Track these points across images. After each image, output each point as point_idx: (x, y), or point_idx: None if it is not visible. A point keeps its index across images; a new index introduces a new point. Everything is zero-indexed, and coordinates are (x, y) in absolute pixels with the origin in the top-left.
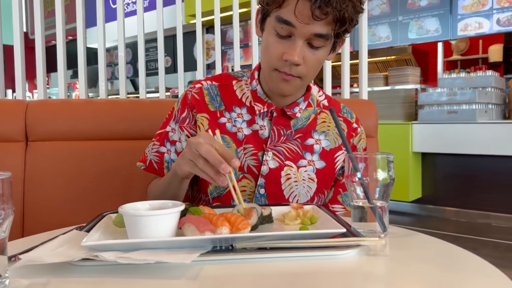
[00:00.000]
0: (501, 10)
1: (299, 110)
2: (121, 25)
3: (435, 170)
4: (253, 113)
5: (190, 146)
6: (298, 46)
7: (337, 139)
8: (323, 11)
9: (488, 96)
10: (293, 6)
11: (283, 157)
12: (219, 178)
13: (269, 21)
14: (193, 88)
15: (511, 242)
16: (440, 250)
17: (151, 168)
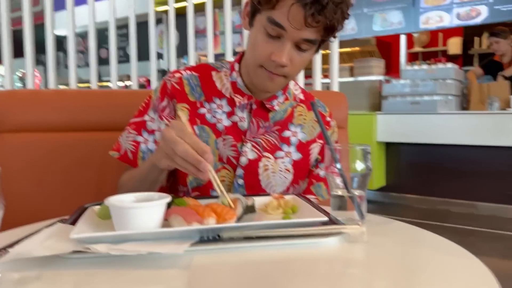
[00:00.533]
0: (461, 5)
1: (277, 103)
2: (70, 12)
3: (398, 159)
4: (232, 105)
5: (166, 142)
6: (286, 48)
7: (312, 132)
8: (316, 19)
9: (448, 87)
10: (287, 10)
11: (261, 149)
12: (198, 174)
13: (260, 18)
14: (173, 77)
15: (469, 227)
16: (414, 235)
17: (125, 158)
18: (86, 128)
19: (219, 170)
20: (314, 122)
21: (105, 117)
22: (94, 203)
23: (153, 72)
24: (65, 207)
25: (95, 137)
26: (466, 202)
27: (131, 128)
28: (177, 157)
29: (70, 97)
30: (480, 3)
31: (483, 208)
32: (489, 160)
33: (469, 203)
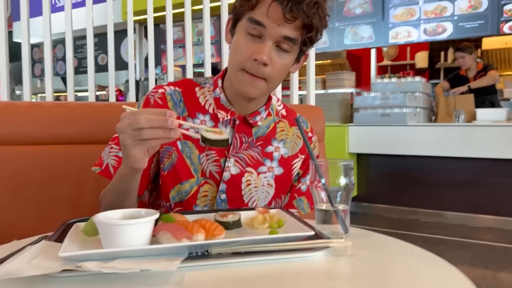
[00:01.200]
0: (428, 21)
1: (260, 119)
2: (47, 20)
3: (369, 170)
4: (216, 120)
5: (125, 131)
6: (267, 46)
7: (294, 147)
8: (294, 14)
9: (417, 100)
10: (266, 8)
11: (244, 164)
12: (171, 133)
13: (241, 24)
14: (156, 92)
15: (438, 236)
16: (396, 248)
17: (107, 173)
18: (62, 141)
19: (202, 185)
20: (297, 137)
21: (82, 130)
22: (77, 219)
23: (132, 82)
24: (40, 222)
25: (72, 150)
26: (435, 211)
27: (114, 143)
28: (144, 131)
29: (46, 110)
30: (445, 20)
31: (451, 217)
32: (456, 170)
33: (437, 213)
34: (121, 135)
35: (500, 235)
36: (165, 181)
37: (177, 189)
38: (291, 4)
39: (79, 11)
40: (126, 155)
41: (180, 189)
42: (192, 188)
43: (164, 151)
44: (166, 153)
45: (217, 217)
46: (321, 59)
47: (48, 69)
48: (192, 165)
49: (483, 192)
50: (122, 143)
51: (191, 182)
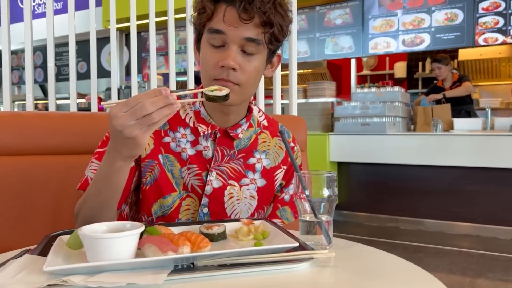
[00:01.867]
0: (406, 32)
1: (242, 131)
2: (29, 26)
3: (349, 178)
4: (196, 134)
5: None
6: (232, 51)
7: (276, 158)
8: (249, 14)
9: (396, 110)
10: (222, 14)
11: (227, 177)
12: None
13: (204, 39)
14: None
15: (417, 243)
16: (378, 258)
17: (85, 186)
18: (43, 152)
19: (184, 199)
20: (279, 148)
21: (63, 140)
22: (60, 232)
23: (114, 89)
24: (20, 235)
25: (53, 161)
26: (414, 219)
27: (95, 157)
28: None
29: (26, 120)
30: (423, 31)
31: (430, 224)
32: (434, 178)
33: (416, 220)
34: (126, 129)
35: (477, 242)
36: (147, 195)
37: (160, 203)
38: (244, 4)
39: (58, 18)
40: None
41: (162, 203)
42: (174, 202)
43: (146, 165)
44: (149, 167)
45: (202, 229)
46: (302, 69)
47: (29, 77)
48: (174, 178)
49: (460, 200)
50: (129, 135)
51: (173, 196)
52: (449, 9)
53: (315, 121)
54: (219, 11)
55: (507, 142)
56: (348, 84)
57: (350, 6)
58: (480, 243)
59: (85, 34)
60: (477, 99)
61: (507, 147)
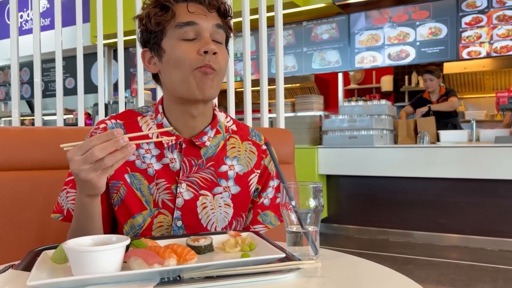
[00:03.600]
0: (391, 46)
1: (208, 139)
2: (15, 42)
3: (338, 191)
4: (161, 147)
5: (82, 167)
6: (207, 37)
7: (249, 162)
8: (213, 3)
9: (383, 122)
10: (185, 9)
11: (198, 187)
12: (128, 150)
13: (169, 38)
14: (98, 129)
15: (407, 256)
16: (365, 269)
17: (70, 217)
18: (28, 167)
19: (156, 216)
20: (250, 152)
21: (49, 155)
22: (45, 247)
23: (101, 105)
24: (5, 250)
25: (39, 176)
26: (403, 231)
27: (68, 186)
28: (104, 160)
29: (12, 135)
30: (408, 45)
31: (419, 236)
32: (422, 190)
33: (405, 232)
34: (81, 173)
35: (466, 253)
36: (117, 216)
37: (130, 223)
38: None
39: (46, 34)
40: (90, 187)
41: (132, 223)
42: (145, 221)
43: (111, 186)
44: (114, 188)
45: (189, 241)
46: (290, 83)
47: (15, 93)
48: (143, 197)
49: (448, 212)
50: (85, 178)
51: (144, 215)
52: (433, 23)
53: (304, 135)
54: (181, 6)
55: (493, 153)
56: (335, 98)
57: (336, 21)
58: (469, 254)
59: (73, 50)
60: (463, 112)
61: (493, 159)
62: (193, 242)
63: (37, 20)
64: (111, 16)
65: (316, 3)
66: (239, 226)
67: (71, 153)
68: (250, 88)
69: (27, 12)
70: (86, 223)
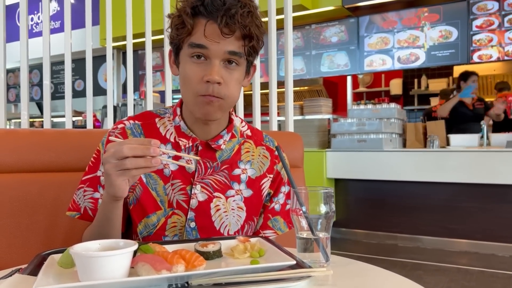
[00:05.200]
0: (401, 49)
1: (224, 142)
2: (25, 45)
3: (347, 195)
4: (178, 149)
5: (109, 160)
6: (215, 65)
7: (261, 167)
8: (231, 28)
9: (392, 126)
10: (202, 29)
11: (212, 189)
12: (151, 162)
13: (183, 52)
14: (116, 129)
15: (416, 261)
16: (376, 276)
17: (86, 216)
18: (37, 169)
19: (170, 216)
20: (263, 157)
21: (58, 157)
22: (52, 251)
23: (110, 107)
24: (13, 253)
25: (47, 178)
26: (412, 236)
27: (85, 185)
28: (126, 160)
29: (21, 137)
30: (418, 48)
31: (428, 241)
32: (431, 195)
33: (414, 237)
34: (106, 165)
35: (476, 259)
36: (132, 215)
37: (144, 223)
38: (226, 19)
39: (55, 37)
40: (108, 184)
41: (147, 222)
42: (159, 220)
43: None
44: (130, 187)
45: (197, 247)
46: (299, 86)
47: (24, 95)
48: (158, 196)
49: (458, 217)
50: (106, 172)
51: (158, 215)
52: (443, 26)
53: (312, 138)
54: (199, 25)
55: (504, 158)
56: (344, 101)
57: (346, 24)
58: (479, 260)
59: (83, 53)
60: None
61: (504, 163)
62: (202, 248)
63: (46, 23)
64: (120, 18)
65: (325, 5)
66: (250, 230)
67: (108, 155)
68: (259, 91)
69: (38, 15)
70: (106, 224)
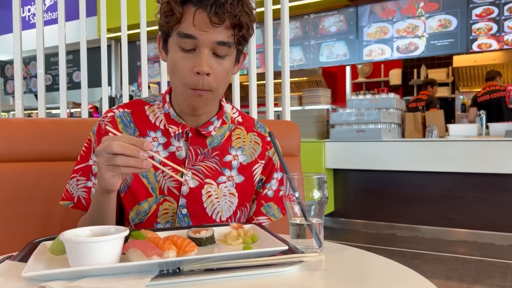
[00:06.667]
0: (400, 39)
1: (214, 129)
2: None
3: (345, 185)
4: (168, 136)
5: (101, 154)
6: (204, 55)
7: (253, 153)
8: (220, 18)
9: (391, 116)
10: (191, 18)
11: (203, 176)
12: (142, 164)
13: (172, 40)
14: (105, 117)
15: (414, 250)
16: (369, 262)
17: (80, 205)
18: (31, 159)
19: (161, 203)
20: (255, 143)
21: (52, 146)
22: (44, 238)
23: (105, 98)
24: (8, 242)
25: (42, 167)
26: (411, 225)
27: (78, 174)
28: (116, 157)
29: (15, 126)
30: (417, 38)
31: (427, 231)
32: (430, 185)
33: (413, 227)
34: (98, 157)
35: (475, 248)
36: (123, 203)
37: (136, 210)
38: (215, 8)
39: (53, 28)
40: (100, 177)
41: (138, 209)
42: (151, 207)
43: None
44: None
45: (189, 233)
46: (297, 76)
47: (18, 86)
48: (149, 184)
49: (456, 206)
50: (98, 165)
51: (149, 202)
52: (443, 15)
53: (311, 128)
54: (188, 14)
55: (503, 147)
56: (343, 91)
57: (344, 14)
58: (478, 249)
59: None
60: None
61: (503, 153)
62: (194, 234)
63: (40, 12)
64: (117, 9)
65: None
66: (243, 216)
67: (100, 149)
68: (255, 81)
69: (35, 6)
70: (99, 215)
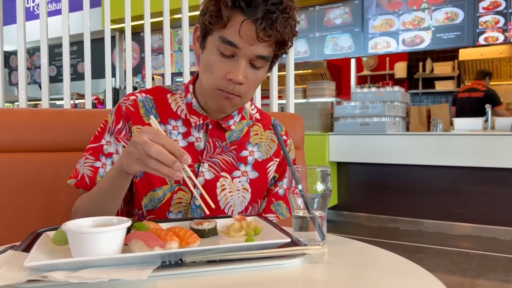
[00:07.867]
0: (406, 31)
1: (234, 123)
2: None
3: (349, 179)
4: (188, 126)
5: (136, 146)
6: (241, 65)
7: (268, 150)
8: (267, 34)
9: (396, 109)
10: (238, 27)
11: (219, 169)
12: (174, 174)
13: (211, 40)
14: (127, 100)
15: (417, 244)
16: (372, 255)
17: (82, 183)
18: (35, 149)
19: (176, 192)
20: (271, 141)
21: (56, 137)
22: (47, 228)
23: (108, 90)
24: (12, 232)
25: (45, 158)
26: (414, 219)
27: (88, 153)
28: (151, 159)
29: (18, 116)
30: (423, 31)
31: (430, 225)
32: (434, 179)
33: (416, 221)
34: (131, 146)
35: (478, 242)
36: (137, 188)
37: (150, 196)
38: (265, 24)
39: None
40: (125, 161)
41: (152, 196)
42: (165, 195)
43: None
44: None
45: (192, 225)
46: (302, 69)
47: (22, 77)
48: None
49: (460, 200)
50: (128, 151)
51: (164, 189)
52: (449, 8)
53: (315, 121)
54: (236, 21)
55: (508, 142)
56: (348, 84)
57: (350, 6)
58: (481, 243)
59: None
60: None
61: (508, 147)
62: (197, 226)
63: (44, 2)
64: (121, 0)
65: None
66: (253, 212)
67: (138, 140)
68: None
69: None
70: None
